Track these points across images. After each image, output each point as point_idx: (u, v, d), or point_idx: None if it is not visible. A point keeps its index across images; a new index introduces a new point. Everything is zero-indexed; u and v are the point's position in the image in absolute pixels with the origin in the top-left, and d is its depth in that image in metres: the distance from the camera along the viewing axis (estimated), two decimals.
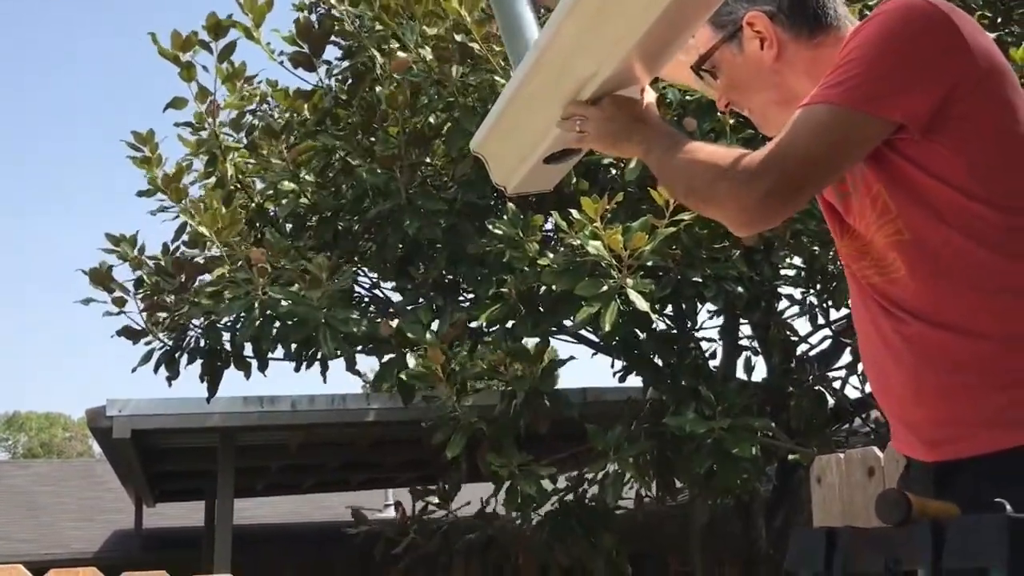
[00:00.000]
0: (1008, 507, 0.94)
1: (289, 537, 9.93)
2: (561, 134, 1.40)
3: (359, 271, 4.83)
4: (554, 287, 4.05)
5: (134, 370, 4.20)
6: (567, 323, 4.72)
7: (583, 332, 5.27)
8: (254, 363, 4.75)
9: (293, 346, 4.63)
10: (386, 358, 4.46)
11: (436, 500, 4.97)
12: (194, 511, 9.42)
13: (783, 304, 5.40)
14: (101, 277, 4.01)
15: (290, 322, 3.90)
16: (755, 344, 5.56)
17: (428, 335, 4.28)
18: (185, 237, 4.29)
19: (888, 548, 1.02)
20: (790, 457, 4.46)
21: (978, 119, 1.11)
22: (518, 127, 1.45)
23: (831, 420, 5.43)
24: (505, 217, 4.19)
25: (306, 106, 4.64)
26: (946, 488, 1.13)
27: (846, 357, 5.50)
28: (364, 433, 7.55)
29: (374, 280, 5.35)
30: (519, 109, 1.43)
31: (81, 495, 12.15)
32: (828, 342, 5.60)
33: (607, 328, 3.81)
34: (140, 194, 4.27)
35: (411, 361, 4.49)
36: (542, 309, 4.36)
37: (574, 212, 3.84)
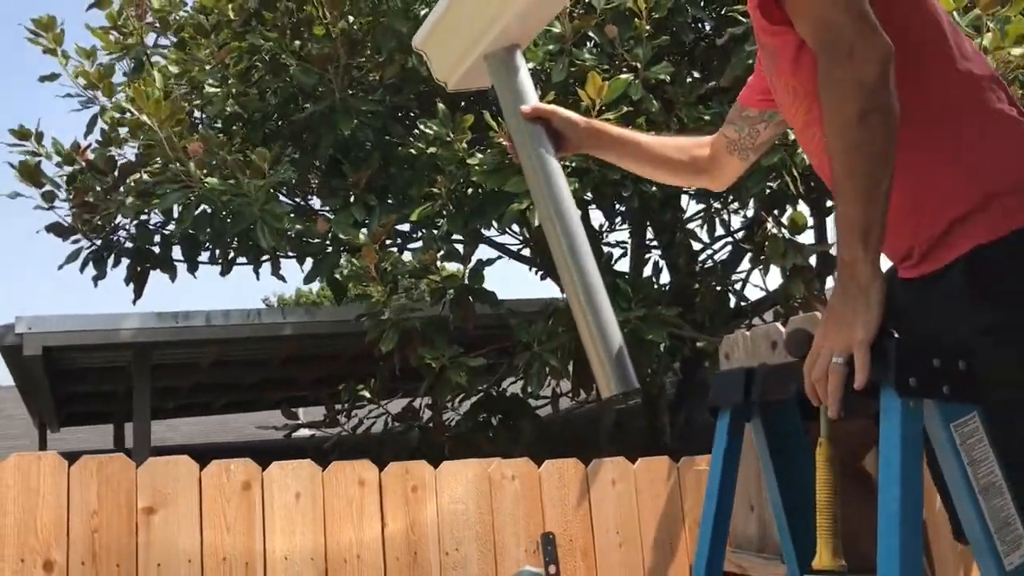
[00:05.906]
0: (895, 334, 1.12)
1: (206, 458, 9.94)
2: (502, 31, 1.50)
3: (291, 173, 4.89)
4: (484, 186, 4.25)
5: (61, 267, 4.21)
6: (494, 225, 4.92)
7: (504, 243, 5.51)
8: (181, 268, 4.82)
9: (224, 247, 4.71)
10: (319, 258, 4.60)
11: (368, 395, 5.17)
12: (102, 435, 9.33)
13: (690, 208, 5.73)
14: (30, 171, 3.97)
15: (227, 216, 3.98)
16: (660, 250, 5.92)
17: (361, 235, 4.44)
18: (120, 131, 4.25)
19: (797, 377, 1.21)
20: (697, 344, 4.85)
21: None
22: (460, 24, 1.52)
23: (732, 317, 5.86)
24: (436, 118, 4.34)
25: (230, 7, 4.63)
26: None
27: (745, 265, 5.92)
28: (280, 348, 7.60)
29: (302, 192, 5.41)
30: (462, 6, 1.51)
31: None
32: (729, 249, 6.01)
33: (537, 223, 4.05)
34: (43, 79, 4.13)
35: (343, 261, 4.64)
36: (470, 209, 4.55)
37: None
